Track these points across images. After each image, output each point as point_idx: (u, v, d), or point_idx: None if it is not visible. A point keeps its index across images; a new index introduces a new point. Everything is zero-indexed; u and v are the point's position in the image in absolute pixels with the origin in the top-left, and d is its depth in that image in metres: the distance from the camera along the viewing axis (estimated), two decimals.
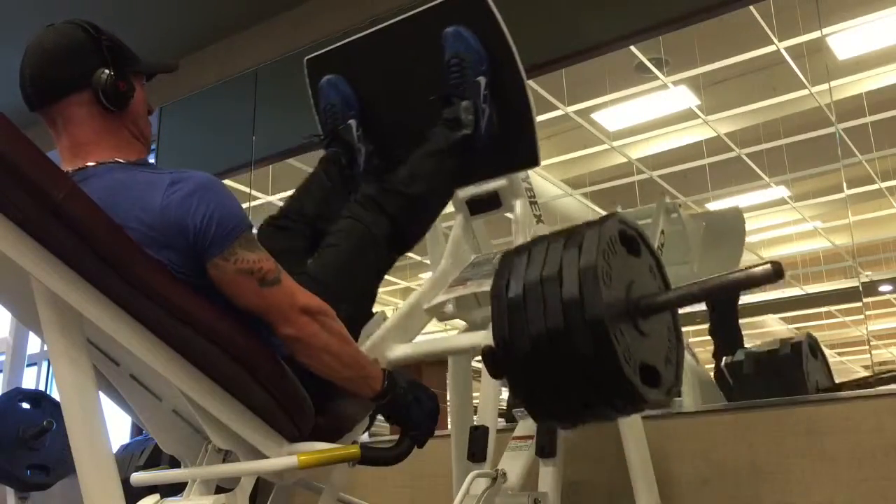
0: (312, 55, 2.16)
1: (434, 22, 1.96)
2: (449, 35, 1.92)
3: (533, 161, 2.03)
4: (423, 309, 1.96)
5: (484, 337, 1.65)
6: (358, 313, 1.62)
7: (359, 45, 2.12)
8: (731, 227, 2.78)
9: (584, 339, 1.34)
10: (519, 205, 2.11)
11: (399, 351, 1.83)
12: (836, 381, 2.72)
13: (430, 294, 1.98)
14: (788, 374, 2.58)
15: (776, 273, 1.33)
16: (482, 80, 1.91)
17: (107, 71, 1.39)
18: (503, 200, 2.13)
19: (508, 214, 2.15)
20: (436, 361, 2.06)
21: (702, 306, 2.98)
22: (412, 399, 1.43)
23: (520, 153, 2.02)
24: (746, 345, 2.93)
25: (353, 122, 2.06)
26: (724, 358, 2.83)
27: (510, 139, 1.98)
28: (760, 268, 1.34)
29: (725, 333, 3.00)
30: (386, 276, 1.79)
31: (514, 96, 1.97)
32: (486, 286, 1.74)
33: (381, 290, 1.76)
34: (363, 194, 1.76)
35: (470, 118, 1.87)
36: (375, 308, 1.80)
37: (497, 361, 1.45)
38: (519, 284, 1.44)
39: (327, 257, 1.66)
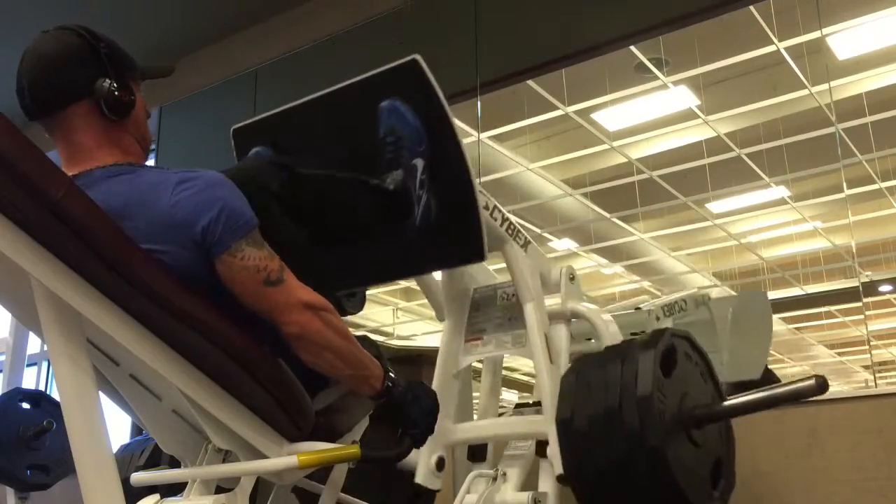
0: (238, 125, 1.99)
1: (369, 94, 1.73)
2: (384, 109, 1.69)
3: (478, 254, 1.74)
4: (452, 377, 2.00)
5: (543, 423, 1.78)
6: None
7: (287, 116, 1.91)
8: (757, 312, 2.81)
9: (645, 465, 1.54)
10: (508, 251, 1.95)
11: (463, 433, 1.98)
12: (836, 382, 2.72)
13: (451, 358, 2.01)
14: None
15: (820, 388, 1.51)
16: (419, 162, 1.67)
17: (108, 81, 1.39)
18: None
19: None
20: (435, 361, 2.06)
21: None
22: (412, 398, 1.43)
23: (462, 245, 1.76)
24: None
25: None
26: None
27: (451, 230, 1.75)
28: (805, 383, 1.53)
29: None
30: None
31: (456, 183, 1.71)
32: (507, 347, 1.96)
33: (380, 289, 1.77)
34: None
35: (398, 180, 1.65)
36: (375, 309, 1.80)
37: (570, 485, 1.69)
38: (584, 417, 1.63)
39: None
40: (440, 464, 1.92)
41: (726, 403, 1.67)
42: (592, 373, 1.68)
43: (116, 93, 1.38)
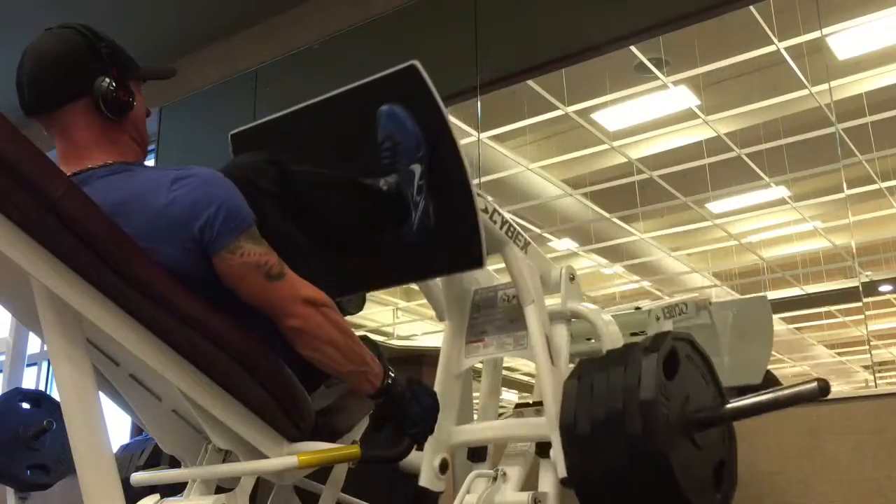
0: (236, 131, 1.97)
1: (367, 99, 1.73)
2: (383, 114, 1.69)
3: (477, 261, 1.73)
4: (454, 378, 1.99)
5: (546, 427, 1.77)
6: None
7: (285, 122, 1.91)
8: (758, 315, 2.82)
9: (647, 470, 1.55)
10: (508, 253, 1.94)
11: (464, 436, 1.96)
12: (836, 382, 2.72)
13: (454, 359, 2.00)
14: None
15: (822, 391, 1.52)
16: (417, 167, 1.68)
17: (107, 80, 1.39)
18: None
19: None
20: (436, 361, 2.06)
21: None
22: (411, 397, 1.43)
23: (461, 252, 1.75)
24: None
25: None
26: None
27: (450, 236, 1.74)
28: (807, 387, 1.54)
29: None
30: None
31: (454, 188, 1.70)
32: (508, 348, 1.95)
33: (381, 289, 1.76)
34: None
35: (391, 183, 1.67)
36: (375, 309, 1.80)
37: (573, 489, 1.69)
38: (586, 421, 1.64)
39: None
40: (443, 466, 1.92)
41: (729, 406, 1.68)
42: (595, 377, 1.69)
43: (115, 92, 1.39)
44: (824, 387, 1.52)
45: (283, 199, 1.52)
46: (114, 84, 1.39)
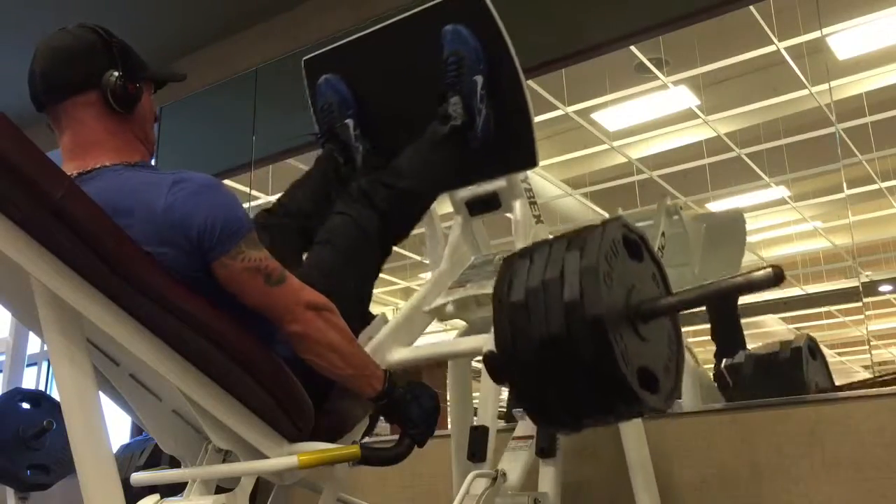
0: (310, 55, 2.16)
1: (433, 21, 1.96)
2: (448, 33, 1.92)
3: (531, 162, 2.03)
4: (423, 311, 1.94)
5: (485, 341, 1.58)
6: (352, 313, 1.59)
7: (357, 45, 2.11)
8: (731, 229, 2.78)
9: (584, 340, 1.34)
10: (518, 205, 2.11)
11: (400, 354, 1.80)
12: (836, 382, 2.72)
13: (431, 296, 1.97)
14: (789, 376, 2.58)
15: (776, 277, 1.32)
16: (479, 79, 1.90)
17: (116, 73, 1.40)
18: (503, 201, 2.13)
19: (508, 214, 2.14)
20: (436, 363, 2.06)
21: (702, 307, 2.98)
22: (412, 398, 1.43)
23: (518, 154, 2.01)
24: (747, 345, 2.93)
25: (350, 121, 2.07)
26: (724, 360, 2.82)
27: (508, 140, 1.97)
28: (761, 272, 1.33)
29: (726, 335, 3.00)
30: (386, 276, 1.79)
31: (512, 97, 1.96)
32: (487, 288, 1.80)
33: (381, 289, 1.76)
34: (355, 187, 1.78)
35: (459, 111, 1.88)
36: (375, 309, 1.80)
37: (499, 366, 1.45)
38: (521, 288, 1.42)
39: (319, 256, 1.66)
40: None
41: (673, 297, 1.49)
42: (537, 250, 1.50)
43: (124, 85, 1.39)
44: (779, 273, 1.30)
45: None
46: (122, 77, 1.40)
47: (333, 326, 1.36)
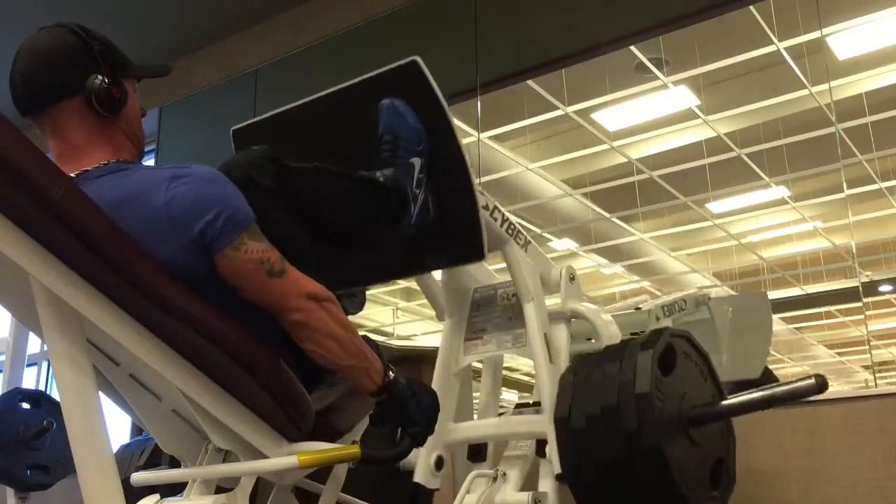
0: (238, 126, 1.99)
1: (370, 94, 1.73)
2: (384, 108, 1.70)
3: (477, 254, 1.74)
4: (452, 375, 2.01)
5: (542, 423, 1.78)
6: None
7: (288, 117, 1.91)
8: (757, 313, 2.81)
9: (643, 465, 1.53)
10: (508, 251, 1.95)
11: (459, 434, 1.96)
12: (836, 382, 2.72)
13: (452, 356, 2.01)
14: None
15: (819, 387, 1.50)
16: (417, 161, 1.67)
17: (100, 77, 1.39)
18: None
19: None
20: (435, 361, 2.06)
21: None
22: (411, 395, 1.43)
23: (462, 245, 1.76)
24: None
25: None
26: None
27: (450, 229, 1.75)
28: (805, 383, 1.52)
29: None
30: None
31: (454, 182, 1.71)
32: (506, 345, 1.96)
33: (381, 289, 1.77)
34: None
35: (388, 175, 1.66)
36: (376, 309, 1.80)
37: (568, 484, 1.68)
38: (581, 417, 1.62)
39: None
40: (439, 463, 1.92)
41: (725, 403, 1.66)
42: (590, 371, 1.68)
43: (108, 89, 1.39)
44: (822, 383, 1.51)
45: (282, 196, 1.52)
46: (106, 81, 1.39)
47: (333, 316, 1.36)
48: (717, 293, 6.71)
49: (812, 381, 1.51)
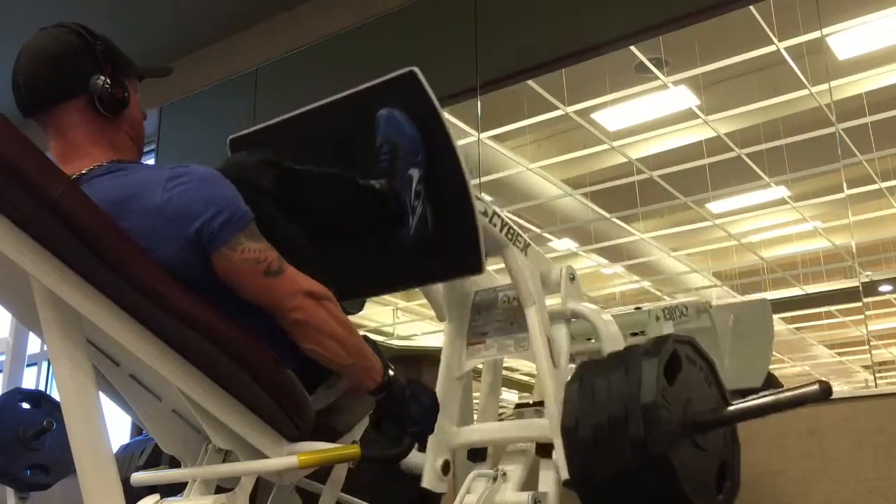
0: (235, 135, 1.97)
1: (367, 103, 1.71)
2: (381, 119, 1.67)
3: (476, 267, 1.72)
4: (455, 379, 2.02)
5: (548, 429, 1.81)
6: None
7: (285, 126, 1.90)
8: (759, 320, 2.82)
9: (649, 472, 1.56)
10: (508, 255, 1.95)
11: (464, 437, 1.98)
12: (836, 382, 2.72)
13: (456, 361, 2.02)
14: None
15: (824, 393, 1.53)
16: (415, 172, 1.65)
17: (102, 77, 1.39)
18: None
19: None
20: (436, 361, 2.06)
21: None
22: (411, 395, 1.43)
23: (461, 257, 1.73)
24: None
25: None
26: None
27: (449, 242, 1.72)
28: (809, 389, 1.54)
29: None
30: None
31: (453, 194, 1.68)
32: (508, 348, 1.97)
33: (380, 295, 1.77)
34: None
35: (384, 183, 1.65)
36: (376, 309, 1.81)
37: (576, 493, 1.71)
38: (588, 427, 1.65)
39: None
40: (445, 468, 1.93)
41: (730, 409, 1.68)
42: (596, 380, 1.69)
43: (110, 90, 1.39)
44: (826, 388, 1.52)
45: (281, 200, 1.52)
46: (109, 82, 1.39)
47: (333, 315, 1.36)
48: (718, 293, 6.72)
49: (816, 387, 1.53)
